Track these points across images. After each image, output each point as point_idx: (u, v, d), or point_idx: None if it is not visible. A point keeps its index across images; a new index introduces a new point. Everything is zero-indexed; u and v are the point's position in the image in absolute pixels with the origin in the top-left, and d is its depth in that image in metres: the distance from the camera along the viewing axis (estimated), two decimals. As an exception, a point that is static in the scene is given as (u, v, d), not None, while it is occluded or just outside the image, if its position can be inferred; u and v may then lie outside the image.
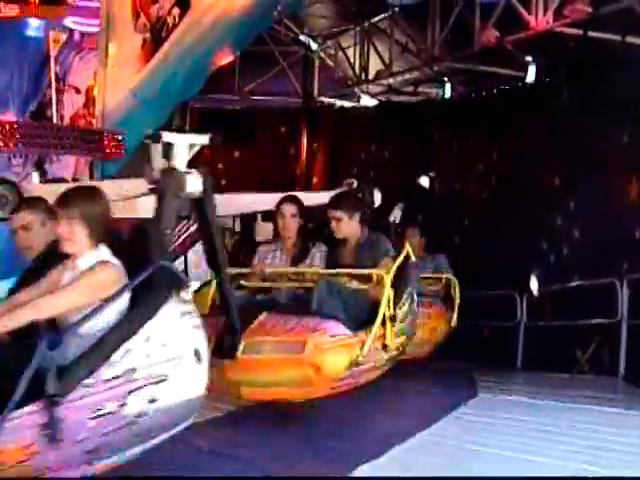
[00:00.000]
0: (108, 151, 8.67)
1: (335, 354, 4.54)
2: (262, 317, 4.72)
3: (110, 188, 5.30)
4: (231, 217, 7.79)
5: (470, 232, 9.56)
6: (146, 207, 4.35)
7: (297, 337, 4.49)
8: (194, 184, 4.27)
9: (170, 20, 9.42)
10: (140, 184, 4.99)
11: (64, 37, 14.02)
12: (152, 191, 4.14)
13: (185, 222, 6.48)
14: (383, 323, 4.83)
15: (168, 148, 4.37)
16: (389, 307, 4.87)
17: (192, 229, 6.46)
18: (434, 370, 6.91)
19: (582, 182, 8.29)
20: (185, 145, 4.43)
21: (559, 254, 8.66)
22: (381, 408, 5.27)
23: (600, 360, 7.57)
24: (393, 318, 4.91)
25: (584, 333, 7.77)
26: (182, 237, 6.58)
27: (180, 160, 4.37)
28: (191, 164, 4.36)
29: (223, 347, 4.45)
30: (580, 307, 7.61)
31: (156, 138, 4.45)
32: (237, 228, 8.18)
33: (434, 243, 7.94)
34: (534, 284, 8.58)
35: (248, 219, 8.34)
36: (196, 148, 4.53)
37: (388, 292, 4.87)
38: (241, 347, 4.45)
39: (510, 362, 8.02)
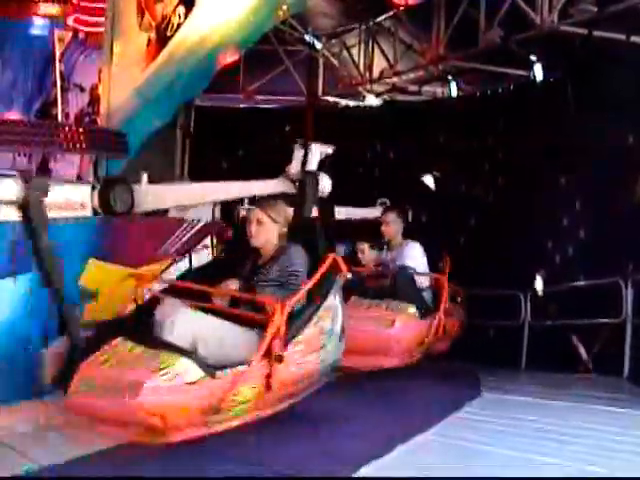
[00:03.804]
0: (113, 150, 8.67)
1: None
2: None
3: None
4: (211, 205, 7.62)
5: (475, 232, 9.55)
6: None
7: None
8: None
9: (175, 19, 9.40)
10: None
11: (69, 36, 14.04)
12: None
13: (190, 222, 6.50)
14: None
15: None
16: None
17: (196, 229, 6.46)
18: (438, 370, 6.90)
19: (588, 182, 8.28)
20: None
21: (564, 254, 8.65)
22: (384, 408, 5.26)
23: (605, 360, 7.56)
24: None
25: (589, 333, 7.76)
26: (186, 236, 6.57)
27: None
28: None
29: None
30: (585, 307, 7.60)
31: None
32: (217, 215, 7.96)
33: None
34: (539, 284, 8.57)
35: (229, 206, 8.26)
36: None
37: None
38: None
39: (514, 362, 8.01)
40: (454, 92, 11.11)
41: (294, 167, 6.89)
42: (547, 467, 3.90)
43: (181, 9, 9.29)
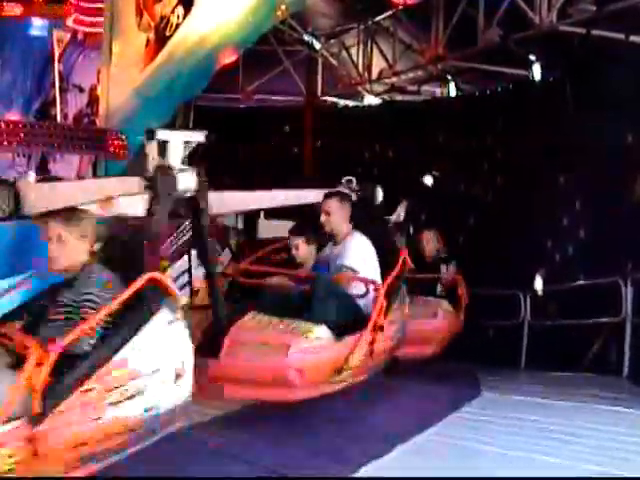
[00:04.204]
0: (111, 150, 8.69)
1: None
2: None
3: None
4: (234, 215, 7.78)
5: (475, 231, 9.55)
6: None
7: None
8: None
9: (174, 19, 9.42)
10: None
11: (68, 36, 14.05)
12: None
13: (186, 223, 6.50)
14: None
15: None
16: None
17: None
18: (437, 369, 6.90)
19: (587, 181, 8.28)
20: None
21: (563, 253, 8.65)
22: (384, 408, 5.26)
23: (604, 359, 7.56)
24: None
25: (588, 332, 7.76)
26: (185, 236, 6.58)
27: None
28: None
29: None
30: (584, 306, 7.60)
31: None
32: (240, 226, 8.18)
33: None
34: (538, 283, 8.57)
35: (251, 217, 8.35)
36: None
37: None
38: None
39: (514, 361, 8.01)
40: (453, 92, 11.12)
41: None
42: (547, 467, 3.89)
43: (180, 9, 9.30)
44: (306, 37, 11.89)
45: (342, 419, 4.80)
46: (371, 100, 12.13)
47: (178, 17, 9.34)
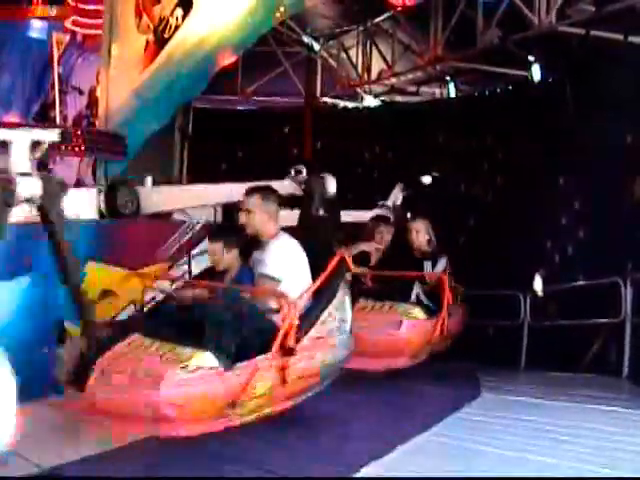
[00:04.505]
0: (111, 152, 8.68)
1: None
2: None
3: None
4: (212, 210, 7.59)
5: (474, 232, 9.55)
6: None
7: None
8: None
9: (173, 21, 9.41)
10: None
11: (67, 39, 14.04)
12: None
13: (188, 224, 6.50)
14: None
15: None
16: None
17: (195, 230, 6.46)
18: (437, 370, 6.90)
19: (586, 182, 8.28)
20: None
21: (563, 254, 8.65)
22: (384, 409, 5.26)
23: (604, 359, 7.56)
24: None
25: (588, 332, 7.76)
26: (186, 238, 6.58)
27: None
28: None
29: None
30: (584, 307, 7.60)
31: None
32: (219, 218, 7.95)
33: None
34: (538, 284, 8.57)
35: (230, 212, 8.23)
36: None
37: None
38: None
39: (514, 362, 8.00)
40: (452, 92, 11.12)
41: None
42: (547, 467, 3.90)
43: (179, 11, 9.29)
44: (305, 38, 11.91)
45: (342, 420, 4.81)
46: (370, 101, 12.15)
47: (177, 19, 9.33)
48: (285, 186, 6.59)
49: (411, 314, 6.19)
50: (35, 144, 4.01)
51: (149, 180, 6.25)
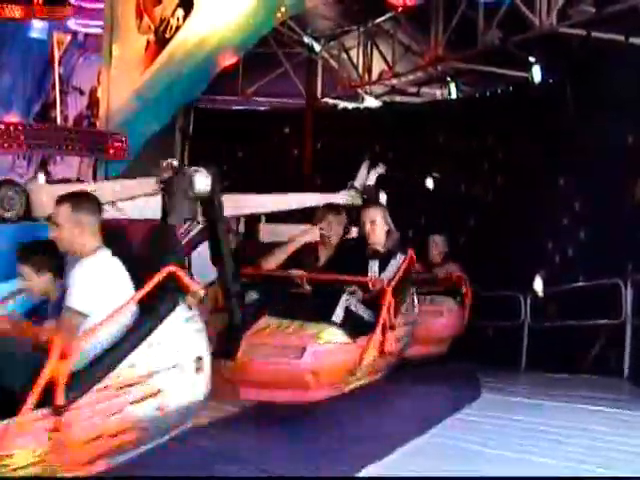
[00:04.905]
0: (112, 152, 8.68)
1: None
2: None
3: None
4: (234, 218, 7.76)
5: (475, 232, 9.55)
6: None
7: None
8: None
9: (174, 21, 9.43)
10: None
11: (68, 39, 14.06)
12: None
13: (189, 223, 6.48)
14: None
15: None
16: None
17: (195, 231, 6.45)
18: (437, 371, 6.91)
19: (587, 183, 8.28)
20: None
21: (564, 255, 8.65)
22: (384, 409, 5.27)
23: (604, 361, 7.56)
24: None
25: (589, 334, 7.76)
26: (185, 239, 6.57)
27: (372, 180, 6.02)
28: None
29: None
30: (584, 308, 7.60)
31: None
32: (241, 229, 8.17)
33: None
34: (539, 284, 8.56)
35: (252, 220, 8.34)
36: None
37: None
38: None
39: (514, 363, 8.00)
40: (453, 93, 11.11)
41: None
42: (547, 468, 3.89)
43: (180, 12, 9.31)
44: (306, 39, 11.90)
45: (342, 421, 4.81)
46: (371, 102, 12.13)
47: (178, 19, 9.35)
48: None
49: (323, 337, 4.68)
50: None
51: (41, 177, 5.84)
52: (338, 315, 4.92)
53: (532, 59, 9.59)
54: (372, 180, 7.34)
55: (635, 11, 7.59)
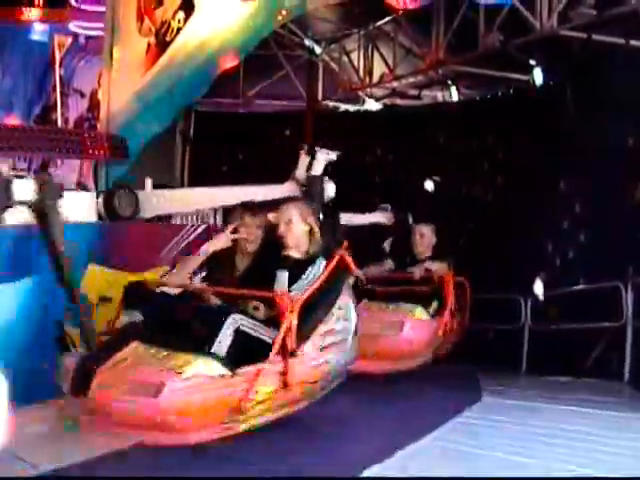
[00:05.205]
0: (112, 154, 8.68)
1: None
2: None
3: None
4: (212, 213, 7.60)
5: (475, 235, 9.54)
6: None
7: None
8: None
9: (175, 24, 9.43)
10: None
11: (69, 41, 14.08)
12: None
13: (190, 227, 6.50)
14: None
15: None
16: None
17: (195, 234, 6.46)
18: (438, 374, 6.89)
19: (588, 185, 8.28)
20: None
21: (564, 257, 8.65)
22: (384, 412, 5.25)
23: (605, 364, 7.55)
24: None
25: (589, 337, 7.75)
26: (187, 242, 6.58)
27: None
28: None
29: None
30: (585, 310, 7.59)
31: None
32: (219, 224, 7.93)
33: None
34: (539, 287, 8.56)
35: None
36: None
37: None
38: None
39: (515, 366, 8.00)
40: (454, 96, 11.12)
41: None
42: (547, 471, 3.89)
43: (181, 14, 9.31)
44: (307, 42, 11.92)
45: (342, 424, 4.80)
46: (372, 105, 12.15)
47: (179, 22, 9.34)
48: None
49: (186, 370, 3.92)
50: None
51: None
52: (220, 342, 3.98)
53: (533, 62, 9.60)
54: (318, 169, 6.52)
55: (635, 14, 7.59)
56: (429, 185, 10.10)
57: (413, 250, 7.03)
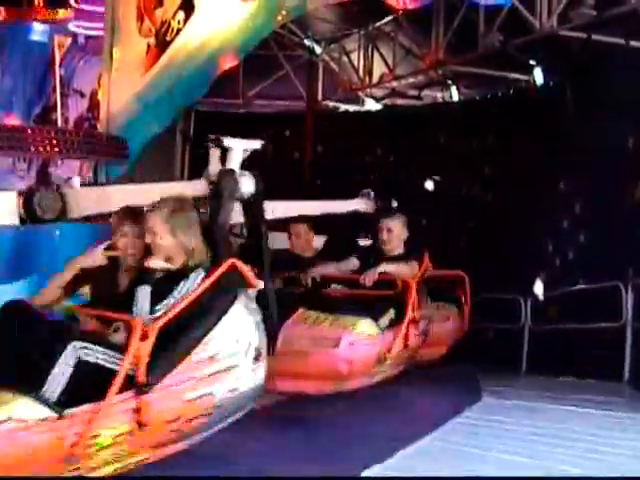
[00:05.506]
0: (112, 154, 8.69)
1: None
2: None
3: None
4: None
5: (475, 235, 9.55)
6: None
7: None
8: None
9: (174, 24, 9.44)
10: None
11: (69, 41, 14.07)
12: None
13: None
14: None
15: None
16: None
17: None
18: (438, 374, 6.89)
19: (588, 185, 8.28)
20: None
21: (564, 257, 8.64)
22: (384, 412, 5.25)
23: (605, 364, 7.54)
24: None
25: (589, 337, 7.75)
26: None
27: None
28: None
29: None
30: (585, 310, 7.59)
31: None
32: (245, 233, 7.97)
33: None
34: (539, 287, 8.56)
35: (256, 226, 8.21)
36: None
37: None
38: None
39: (514, 366, 7.99)
40: (454, 96, 11.13)
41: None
42: (546, 471, 3.89)
43: (181, 14, 9.32)
44: (307, 42, 11.92)
45: (342, 424, 4.80)
46: (372, 105, 12.15)
47: (179, 22, 9.35)
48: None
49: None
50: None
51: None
52: (55, 378, 3.21)
53: (533, 62, 9.60)
54: (236, 162, 5.16)
55: (635, 14, 7.60)
56: (429, 185, 10.10)
57: (381, 247, 5.88)
